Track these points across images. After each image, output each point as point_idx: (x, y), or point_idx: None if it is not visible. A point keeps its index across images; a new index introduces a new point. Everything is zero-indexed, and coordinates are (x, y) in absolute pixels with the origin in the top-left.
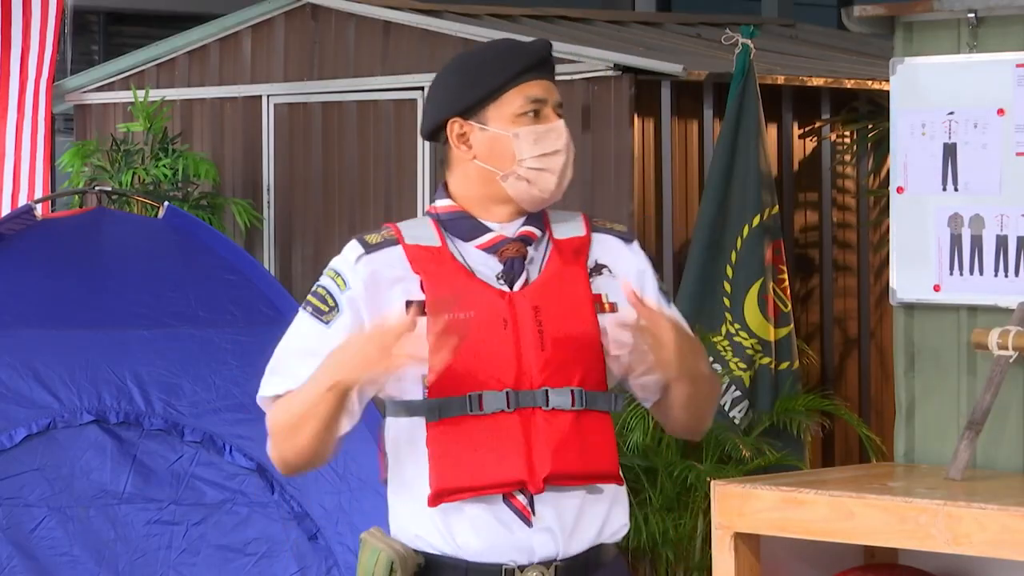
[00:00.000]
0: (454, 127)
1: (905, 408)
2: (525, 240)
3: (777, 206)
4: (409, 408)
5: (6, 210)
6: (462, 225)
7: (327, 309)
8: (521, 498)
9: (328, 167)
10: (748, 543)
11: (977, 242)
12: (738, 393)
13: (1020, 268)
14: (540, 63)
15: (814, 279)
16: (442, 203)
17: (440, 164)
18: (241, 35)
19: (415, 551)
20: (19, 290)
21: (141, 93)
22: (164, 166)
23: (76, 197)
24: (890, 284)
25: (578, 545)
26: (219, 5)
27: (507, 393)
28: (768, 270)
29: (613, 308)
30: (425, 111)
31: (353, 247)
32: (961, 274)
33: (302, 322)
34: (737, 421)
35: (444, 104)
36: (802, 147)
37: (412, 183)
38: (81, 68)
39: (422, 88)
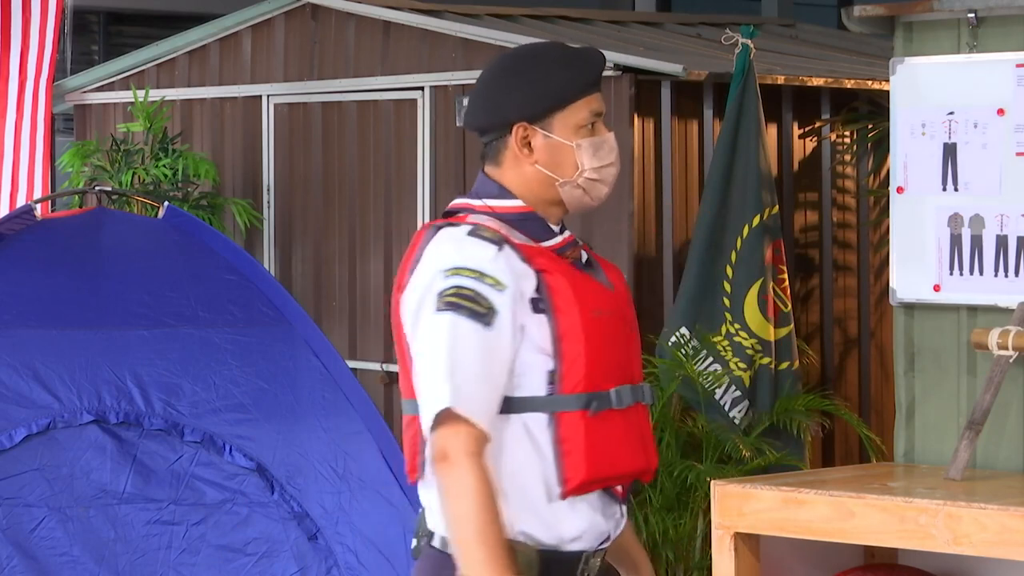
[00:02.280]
0: (519, 131)
1: (905, 408)
2: (576, 244)
3: (777, 206)
4: (535, 403)
5: (6, 210)
6: (534, 226)
7: (484, 310)
8: (620, 487)
9: (328, 167)
10: (748, 543)
11: (977, 242)
12: (738, 393)
13: (1020, 268)
14: (601, 76)
15: (814, 279)
16: (508, 203)
17: (482, 159)
18: (241, 35)
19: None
20: (19, 290)
21: (141, 93)
22: (164, 166)
23: (76, 197)
24: (890, 284)
25: (622, 527)
26: (219, 5)
27: (630, 388)
28: (768, 270)
29: None
30: (482, 108)
31: (481, 244)
32: (961, 274)
33: (463, 328)
34: (737, 421)
35: (509, 106)
36: (802, 147)
37: (412, 183)
38: (81, 68)
39: (422, 88)
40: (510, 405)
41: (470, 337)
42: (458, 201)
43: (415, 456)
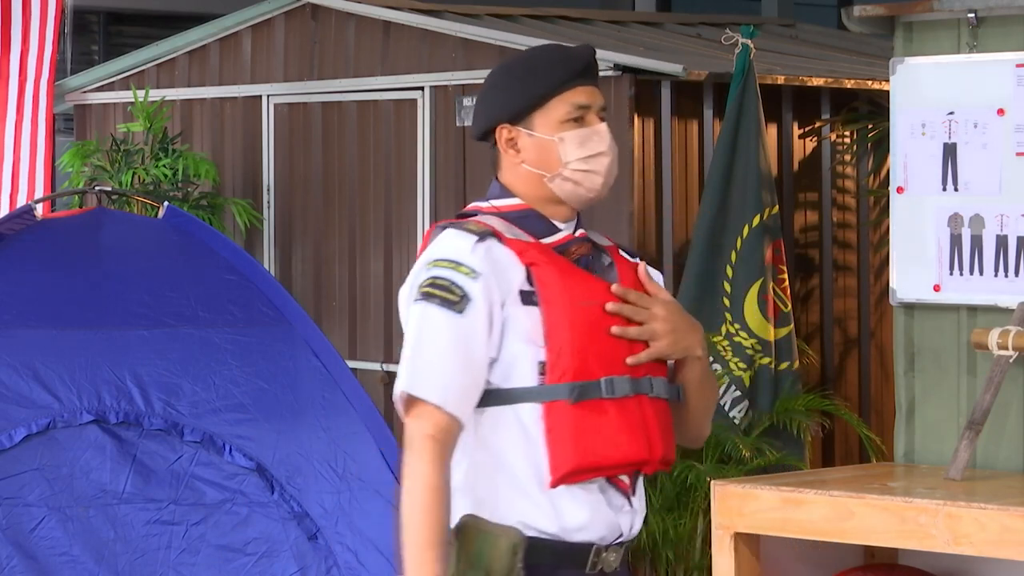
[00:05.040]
0: (503, 132)
1: (905, 408)
2: (589, 241)
3: (777, 206)
4: (526, 394)
5: (6, 210)
6: (534, 224)
7: (457, 298)
8: (625, 479)
9: (328, 167)
10: (748, 543)
11: (977, 242)
12: (738, 393)
13: (1020, 268)
14: (584, 70)
15: (814, 279)
16: (507, 202)
17: (491, 166)
18: (241, 35)
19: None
20: (19, 290)
21: (141, 93)
22: (164, 166)
23: (76, 197)
24: (890, 284)
25: (639, 524)
26: (219, 5)
27: (628, 379)
28: (768, 270)
29: None
30: (476, 114)
31: (463, 236)
32: (961, 274)
33: (432, 316)
34: (737, 421)
35: (493, 110)
36: (802, 147)
37: (412, 183)
38: (81, 68)
39: (422, 88)
40: (502, 396)
41: (440, 325)
42: (471, 205)
43: None
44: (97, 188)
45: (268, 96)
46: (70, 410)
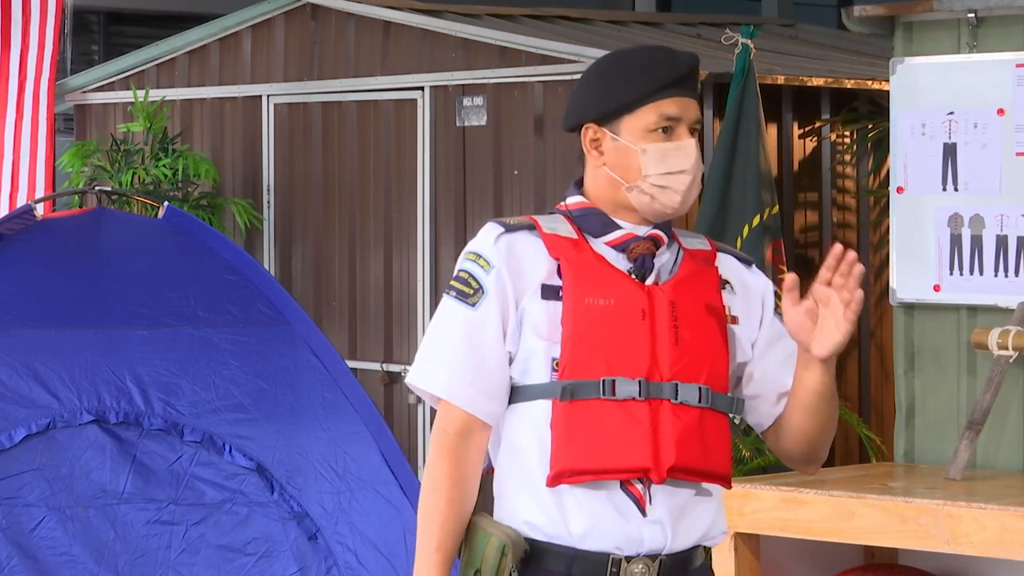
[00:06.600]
0: (588, 132)
1: (905, 408)
2: (654, 241)
3: (777, 206)
4: (537, 390)
5: (6, 210)
6: (593, 221)
7: (471, 291)
8: (639, 486)
9: (328, 167)
10: (748, 543)
11: (977, 242)
12: None
13: (1020, 268)
14: (680, 80)
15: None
16: (573, 200)
17: (579, 159)
18: (241, 35)
19: (524, 537)
20: (19, 290)
21: (141, 93)
22: (164, 166)
23: (76, 197)
24: (890, 284)
25: (682, 542)
26: (219, 5)
27: (639, 382)
28: (768, 270)
29: (735, 321)
30: (568, 107)
31: (491, 228)
32: (961, 274)
33: (448, 308)
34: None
35: (583, 107)
36: (802, 147)
37: (412, 183)
38: (81, 68)
39: (422, 88)
40: (521, 393)
41: (454, 318)
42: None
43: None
44: (97, 188)
45: (268, 96)
46: (70, 410)
